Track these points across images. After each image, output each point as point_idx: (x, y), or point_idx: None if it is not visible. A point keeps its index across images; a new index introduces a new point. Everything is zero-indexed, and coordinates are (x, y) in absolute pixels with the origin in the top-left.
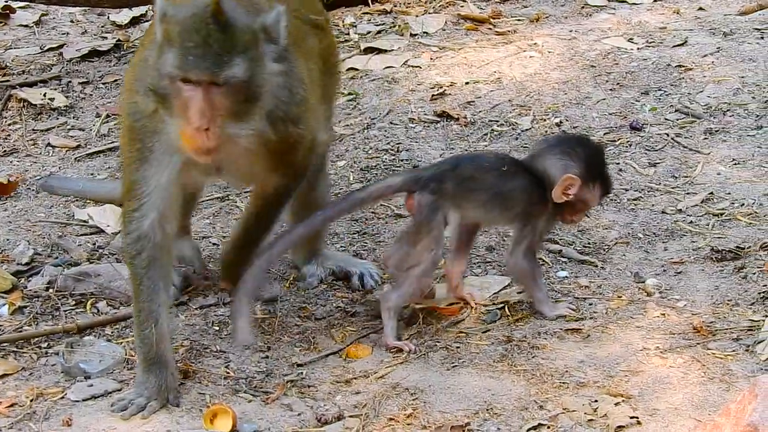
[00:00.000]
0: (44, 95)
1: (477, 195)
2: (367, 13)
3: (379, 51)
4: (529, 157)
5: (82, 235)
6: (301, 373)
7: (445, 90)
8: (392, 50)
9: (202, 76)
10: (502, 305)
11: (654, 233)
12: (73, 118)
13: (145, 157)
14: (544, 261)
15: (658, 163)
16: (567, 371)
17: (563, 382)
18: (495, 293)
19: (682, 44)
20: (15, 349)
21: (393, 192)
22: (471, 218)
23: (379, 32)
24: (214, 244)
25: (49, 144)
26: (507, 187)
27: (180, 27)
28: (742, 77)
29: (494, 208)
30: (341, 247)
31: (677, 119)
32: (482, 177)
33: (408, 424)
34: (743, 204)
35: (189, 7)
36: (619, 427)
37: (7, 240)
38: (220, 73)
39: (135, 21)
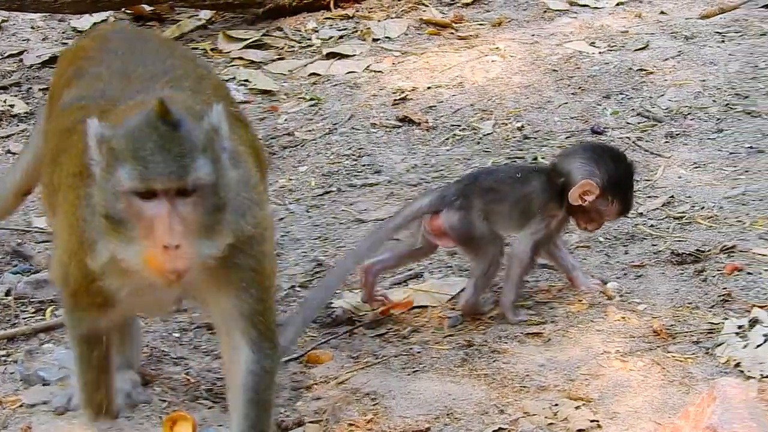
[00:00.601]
0: (4, 102)
1: (500, 206)
2: (329, 18)
3: (341, 56)
4: (557, 157)
5: (41, 242)
6: None
7: (407, 95)
8: (354, 55)
9: (168, 183)
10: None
11: (615, 237)
12: (34, 124)
13: (104, 308)
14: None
15: None
16: (527, 375)
17: (524, 386)
18: (455, 297)
19: (643, 48)
20: None
21: (423, 214)
22: (499, 229)
23: (341, 37)
24: None
25: (9, 151)
26: (524, 192)
27: (126, 140)
28: (703, 81)
29: (517, 215)
30: (303, 252)
31: (638, 123)
32: (501, 188)
33: (368, 430)
34: (704, 207)
35: (129, 120)
36: (580, 430)
37: None
38: (186, 176)
39: (96, 27)
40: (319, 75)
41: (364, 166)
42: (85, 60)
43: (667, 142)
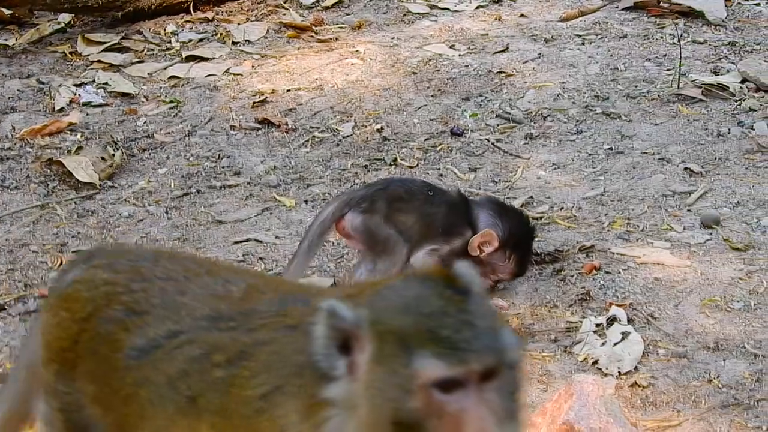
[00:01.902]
0: None
1: (405, 216)
2: (189, 21)
3: (201, 59)
4: (471, 200)
5: None
6: None
7: (266, 97)
8: (214, 58)
9: (484, 364)
10: None
11: None
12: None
13: None
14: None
15: (479, 168)
16: None
17: None
18: None
19: (503, 51)
20: None
21: (331, 223)
22: None
23: (201, 40)
24: (33, 251)
25: None
26: (432, 210)
27: (412, 319)
28: (563, 83)
29: (418, 229)
30: None
31: (498, 125)
32: (412, 200)
33: None
34: (562, 207)
35: (402, 295)
36: None
37: None
38: (502, 354)
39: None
40: (178, 78)
41: (223, 167)
42: (130, 298)
43: (526, 143)
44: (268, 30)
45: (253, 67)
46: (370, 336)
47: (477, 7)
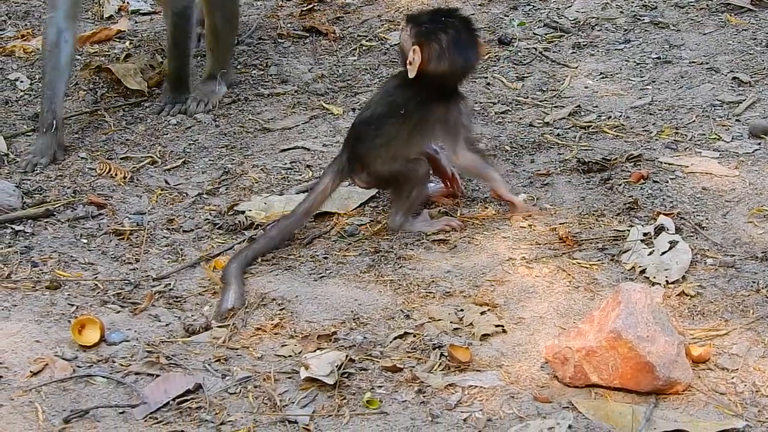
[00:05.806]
0: None
1: (398, 134)
2: None
3: None
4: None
5: None
6: (169, 284)
7: (314, 5)
8: None
9: None
10: (368, 221)
11: (521, 146)
12: None
13: None
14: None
15: (526, 76)
16: (433, 281)
17: (429, 292)
18: (361, 206)
19: None
20: None
21: (330, 192)
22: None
23: None
24: (82, 158)
25: None
26: (408, 110)
27: None
28: None
29: (416, 133)
30: (210, 160)
31: (545, 34)
32: (383, 121)
33: (275, 334)
34: (610, 117)
35: None
36: (485, 335)
37: None
38: None
39: None
40: None
41: (271, 75)
42: None
43: (574, 52)
44: None
45: None
46: None
47: None
